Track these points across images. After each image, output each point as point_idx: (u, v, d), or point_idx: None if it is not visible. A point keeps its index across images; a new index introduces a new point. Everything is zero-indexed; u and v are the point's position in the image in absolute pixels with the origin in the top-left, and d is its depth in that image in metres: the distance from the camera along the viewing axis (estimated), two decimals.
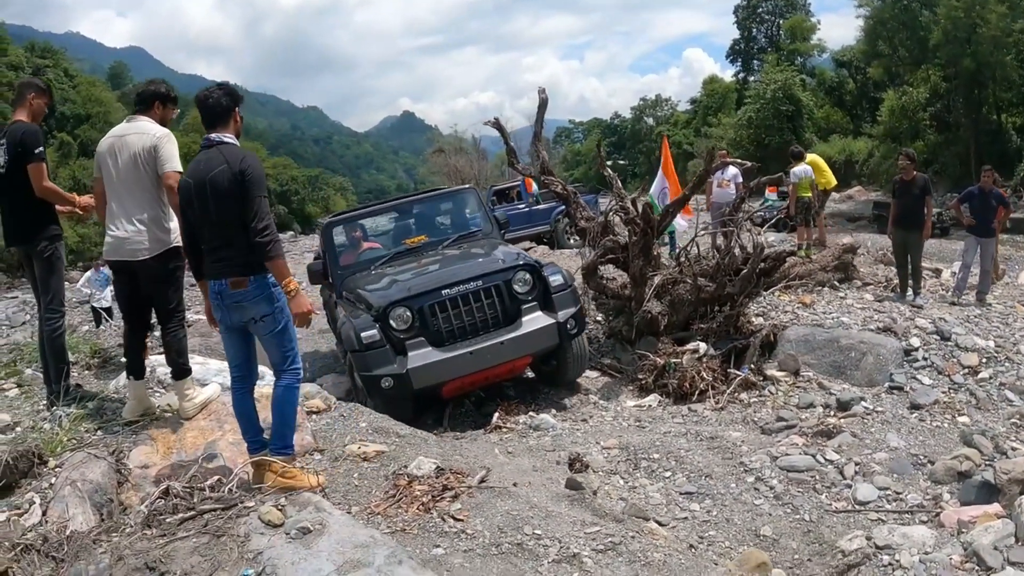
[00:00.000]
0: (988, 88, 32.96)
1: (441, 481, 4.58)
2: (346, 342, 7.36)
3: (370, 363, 7.10)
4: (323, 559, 3.30)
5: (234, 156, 4.14)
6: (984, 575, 3.82)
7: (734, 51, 65.83)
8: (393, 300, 7.28)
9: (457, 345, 7.30)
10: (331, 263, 8.84)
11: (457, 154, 56.01)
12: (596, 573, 3.49)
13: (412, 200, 10.45)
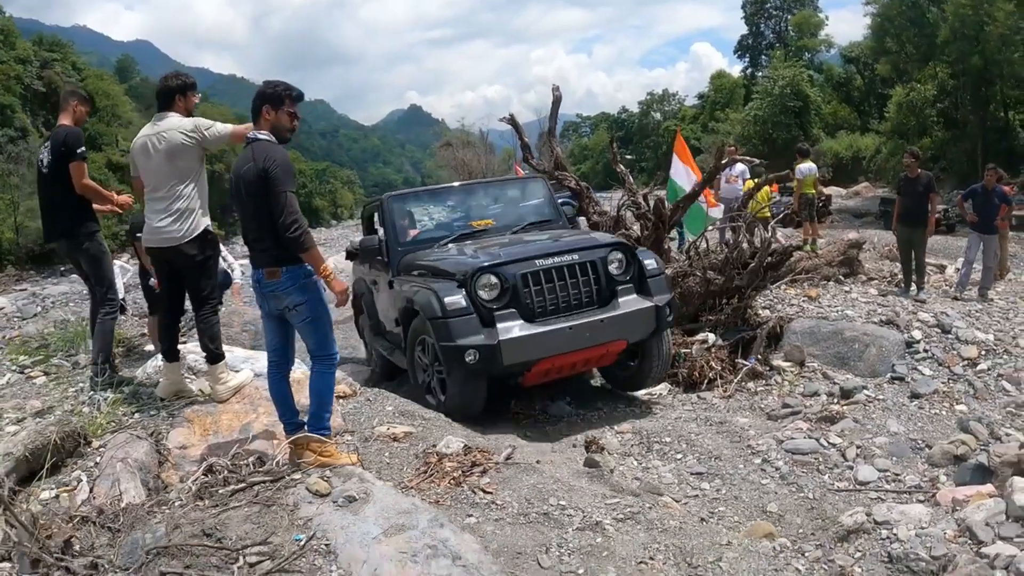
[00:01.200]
0: (996, 85, 32.96)
1: (469, 458, 4.85)
2: (425, 309, 6.57)
3: (454, 332, 6.34)
4: (370, 523, 3.57)
5: (260, 153, 4.32)
6: (976, 548, 4.05)
7: (742, 46, 65.81)
8: (483, 265, 6.59)
9: (551, 320, 6.64)
10: (390, 238, 8.02)
11: (465, 148, 55.91)
12: (617, 539, 3.78)
13: (479, 184, 10.65)
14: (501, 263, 6.65)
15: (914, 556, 4.04)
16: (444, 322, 6.40)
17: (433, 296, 6.50)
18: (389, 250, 7.96)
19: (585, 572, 3.46)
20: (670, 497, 4.87)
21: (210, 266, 5.44)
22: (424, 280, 7.01)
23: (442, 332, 6.43)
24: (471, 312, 6.42)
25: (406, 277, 7.50)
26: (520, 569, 3.48)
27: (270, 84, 4.54)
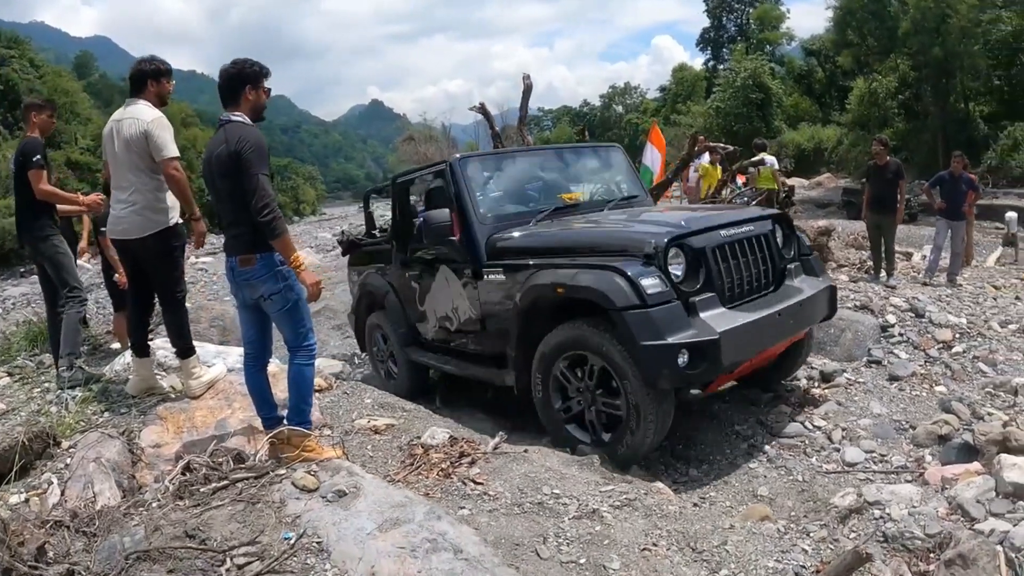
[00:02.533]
0: (956, 77, 33.41)
1: (456, 449, 4.78)
2: (609, 296, 4.91)
3: (661, 326, 4.79)
4: (363, 518, 3.46)
5: (234, 134, 4.19)
6: (968, 525, 4.05)
7: (704, 39, 66.07)
8: (677, 235, 5.24)
9: (750, 305, 5.47)
10: (468, 212, 6.33)
11: (427, 142, 55.87)
12: (616, 526, 3.71)
13: (556, 150, 8.56)
14: (692, 232, 5.35)
15: (909, 535, 4.02)
16: (645, 313, 4.81)
17: (619, 278, 4.94)
18: (469, 228, 6.31)
19: (587, 562, 3.39)
20: (661, 483, 4.82)
21: (176, 260, 5.28)
22: (571, 260, 5.48)
23: (643, 328, 4.80)
24: (674, 298, 4.97)
25: (513, 262, 5.94)
26: (520, 560, 3.40)
27: (245, 63, 4.41)
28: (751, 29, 59.18)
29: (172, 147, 4.96)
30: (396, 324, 7.78)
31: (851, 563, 3.16)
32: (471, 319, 6.49)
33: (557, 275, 5.42)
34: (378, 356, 8.50)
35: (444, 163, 6.81)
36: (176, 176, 4.93)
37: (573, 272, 5.32)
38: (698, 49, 67.77)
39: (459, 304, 6.61)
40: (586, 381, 5.32)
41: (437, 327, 7.09)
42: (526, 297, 5.66)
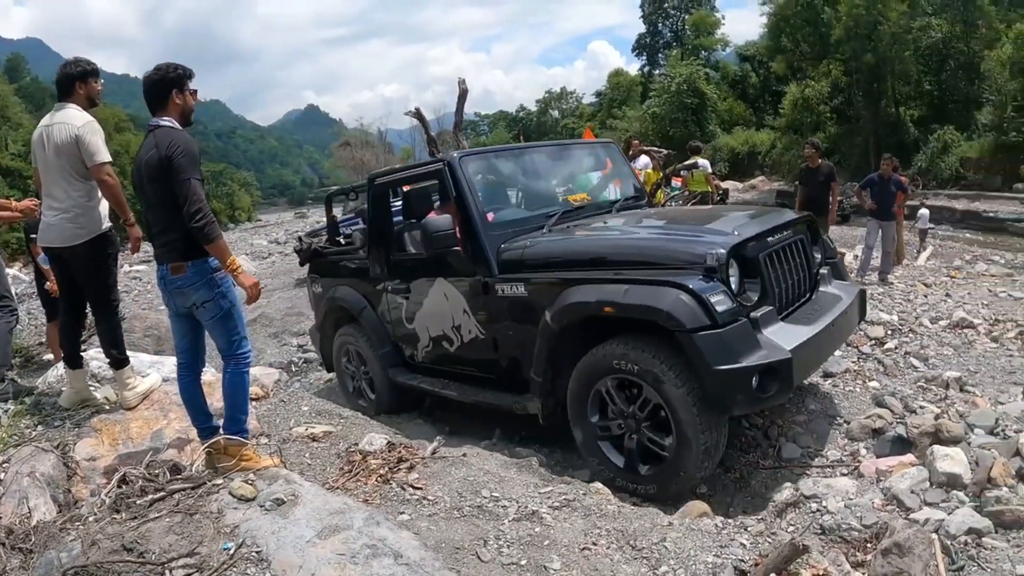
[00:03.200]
0: (887, 82, 34.38)
1: (394, 455, 4.76)
2: (683, 315, 4.31)
3: (735, 348, 4.32)
4: (303, 526, 3.43)
5: (164, 139, 4.13)
6: (904, 514, 4.14)
7: (640, 45, 66.86)
8: (736, 243, 4.71)
9: (798, 316, 5.10)
10: (474, 218, 5.65)
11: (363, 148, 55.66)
12: (556, 527, 3.73)
13: (555, 147, 7.77)
14: (746, 240, 4.84)
15: (846, 526, 4.11)
16: (718, 335, 4.30)
17: (684, 295, 4.37)
18: (475, 236, 5.64)
19: (528, 563, 3.40)
20: (600, 483, 4.83)
21: (109, 268, 5.15)
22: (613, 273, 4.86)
23: (715, 350, 4.29)
24: (742, 317, 4.49)
25: (537, 275, 5.32)
26: (461, 564, 3.40)
27: (169, 68, 4.33)
28: (686, 35, 60.09)
29: (104, 152, 4.84)
30: (376, 343, 6.97)
31: (788, 555, 3.20)
32: (478, 339, 5.82)
33: (604, 291, 4.75)
34: (349, 375, 7.64)
35: (440, 161, 6.06)
36: (109, 181, 4.82)
37: (623, 288, 4.66)
38: (634, 54, 68.70)
39: (462, 322, 5.92)
40: (633, 409, 4.77)
41: (431, 348, 6.40)
42: (561, 316, 4.98)
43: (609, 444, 4.98)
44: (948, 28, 33.14)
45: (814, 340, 4.76)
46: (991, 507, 4.04)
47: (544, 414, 5.34)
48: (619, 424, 4.88)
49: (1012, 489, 4.16)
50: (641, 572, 3.35)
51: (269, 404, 6.26)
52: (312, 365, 10.06)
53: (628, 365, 4.64)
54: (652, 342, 4.60)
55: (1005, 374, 6.25)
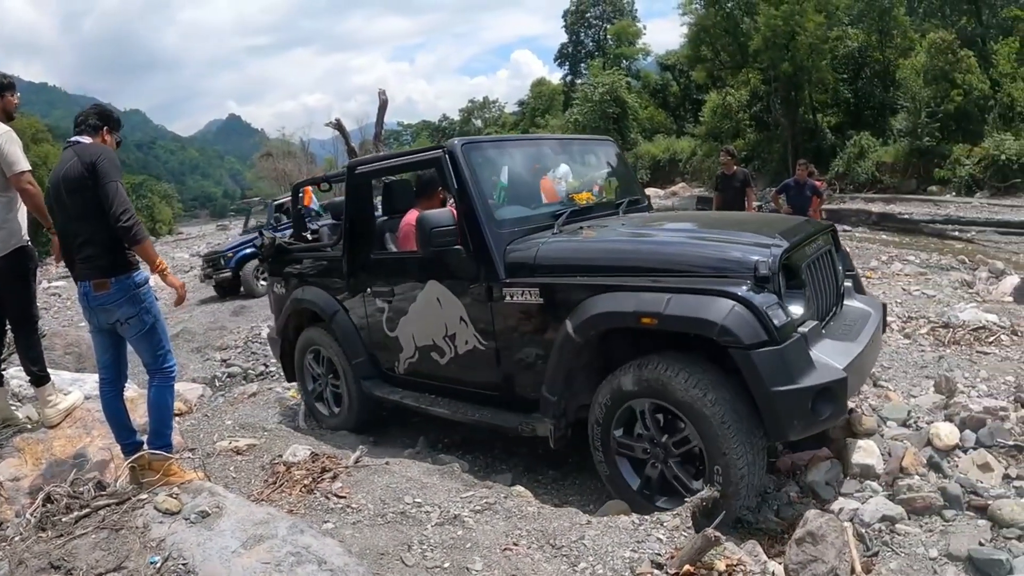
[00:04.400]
0: (805, 90, 35.26)
1: (318, 465, 4.81)
2: (740, 330, 3.78)
3: (794, 366, 3.86)
4: (228, 537, 3.47)
5: (86, 151, 4.18)
6: (819, 505, 4.29)
7: (562, 54, 67.30)
8: (784, 250, 4.20)
9: (838, 331, 4.66)
10: (479, 214, 4.99)
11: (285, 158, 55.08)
12: (478, 529, 3.82)
13: (558, 140, 7.03)
14: (791, 247, 4.34)
15: (763, 518, 4.29)
16: (778, 352, 3.82)
17: (740, 306, 3.86)
18: (479, 234, 4.98)
19: (451, 566, 3.48)
20: (520, 486, 4.95)
21: (28, 283, 5.06)
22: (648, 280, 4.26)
23: (774, 369, 3.80)
24: (797, 332, 4.02)
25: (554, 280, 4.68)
26: (386, 570, 3.47)
27: (109, 109, 4.54)
28: (608, 45, 60.72)
29: (23, 161, 4.76)
30: (350, 351, 6.28)
31: (702, 546, 3.31)
32: (476, 351, 5.20)
33: (642, 300, 4.15)
34: (311, 382, 6.93)
35: (438, 149, 5.35)
36: (31, 190, 4.76)
37: (664, 297, 4.06)
38: (556, 64, 69.14)
39: (458, 331, 5.28)
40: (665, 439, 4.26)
41: (416, 359, 5.76)
42: (587, 327, 4.38)
43: (627, 462, 4.47)
44: (864, 37, 34.28)
45: (860, 358, 4.36)
46: (903, 495, 4.22)
47: (555, 436, 4.76)
48: (644, 449, 4.35)
49: (923, 477, 4.37)
50: (561, 570, 3.44)
51: (193, 419, 6.26)
52: (236, 379, 10.01)
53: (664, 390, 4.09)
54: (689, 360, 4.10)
55: (917, 368, 6.42)
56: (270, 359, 10.61)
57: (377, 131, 13.24)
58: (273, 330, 7.47)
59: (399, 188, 6.46)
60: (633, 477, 4.45)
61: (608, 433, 4.45)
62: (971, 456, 4.55)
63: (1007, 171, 24.67)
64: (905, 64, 30.99)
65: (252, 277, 17.18)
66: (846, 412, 4.27)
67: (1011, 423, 4.89)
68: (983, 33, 31.10)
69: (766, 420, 3.89)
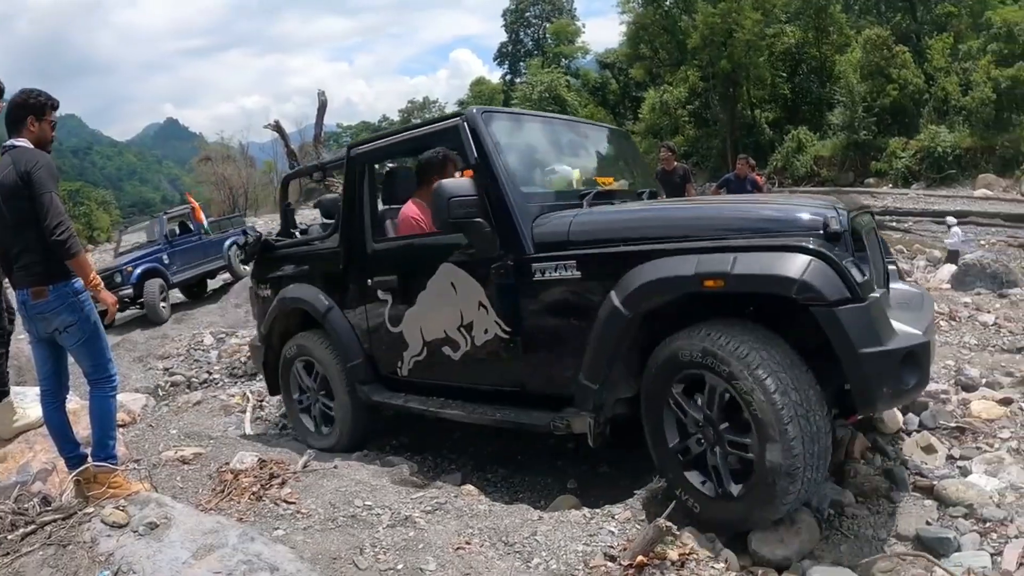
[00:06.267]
0: (743, 86, 35.96)
1: (266, 471, 4.77)
2: (823, 286, 3.38)
3: (880, 327, 3.48)
4: (177, 548, 3.43)
5: (21, 157, 4.08)
6: None
7: (501, 53, 67.50)
8: (849, 210, 4.03)
9: (899, 306, 4.31)
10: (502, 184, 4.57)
11: (224, 162, 54.53)
12: (430, 530, 3.84)
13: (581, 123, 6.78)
14: (851, 212, 4.11)
15: None
16: (863, 309, 3.44)
17: (819, 261, 3.48)
18: (504, 206, 4.55)
19: (404, 567, 3.49)
20: (471, 485, 4.97)
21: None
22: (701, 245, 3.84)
23: (862, 329, 3.42)
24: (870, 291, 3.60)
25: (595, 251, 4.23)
26: (339, 574, 3.48)
27: (31, 93, 4.27)
28: (547, 43, 61.06)
29: None
30: (345, 353, 5.74)
31: (654, 537, 3.36)
32: (498, 341, 4.68)
33: (704, 261, 3.71)
34: (300, 397, 6.36)
35: (456, 117, 4.95)
36: None
37: (730, 257, 3.64)
38: (496, 63, 69.28)
39: (476, 319, 4.77)
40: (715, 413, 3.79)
41: (425, 356, 5.23)
42: (639, 297, 3.92)
43: (674, 419, 4.00)
44: (801, 35, 35.08)
45: (930, 329, 4.06)
46: (851, 480, 4.29)
47: (595, 432, 4.27)
48: (697, 421, 3.89)
49: (869, 462, 4.43)
50: (515, 566, 3.48)
51: (137, 429, 6.18)
52: (179, 388, 9.89)
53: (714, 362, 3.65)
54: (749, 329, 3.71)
55: None
56: (213, 366, 10.52)
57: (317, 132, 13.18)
58: (255, 337, 7.02)
59: (402, 176, 6.01)
60: (674, 434, 4.00)
61: (667, 384, 3.94)
62: (915, 439, 4.64)
63: (942, 163, 25.37)
64: (841, 60, 31.74)
65: (156, 297, 15.36)
66: (928, 383, 3.86)
67: (952, 405, 5.03)
68: (917, 29, 31.94)
69: (854, 388, 3.50)
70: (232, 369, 10.07)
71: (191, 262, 17.92)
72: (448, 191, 4.43)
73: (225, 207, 50.83)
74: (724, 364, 3.59)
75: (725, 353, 3.59)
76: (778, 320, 3.73)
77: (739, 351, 3.56)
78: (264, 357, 6.66)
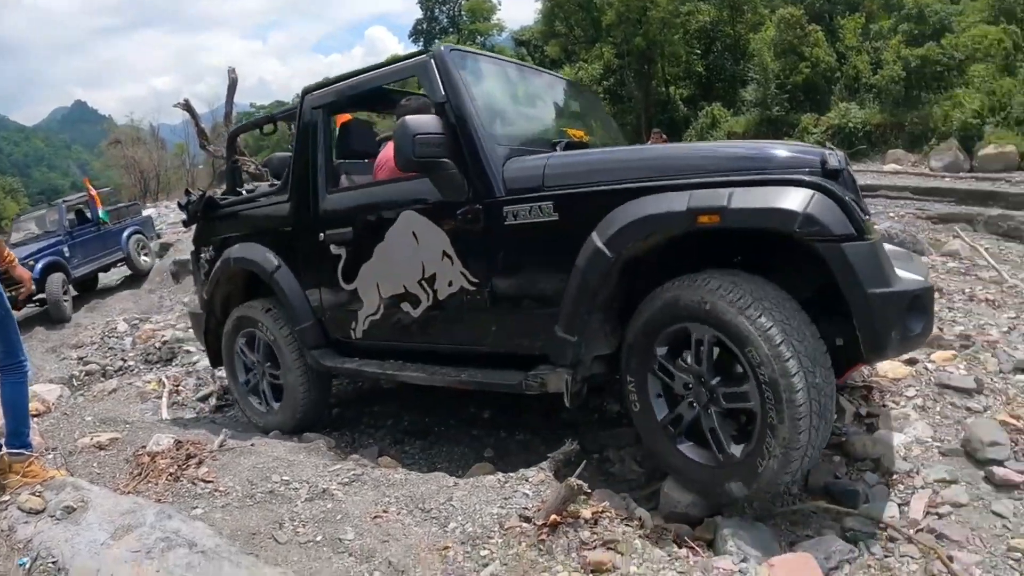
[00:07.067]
0: (657, 64, 36.25)
1: (183, 452, 4.74)
2: (828, 220, 3.17)
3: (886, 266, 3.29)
4: (95, 530, 3.45)
5: None
6: None
7: (417, 31, 66.91)
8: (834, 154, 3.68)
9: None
10: (470, 120, 4.26)
11: (135, 145, 53.26)
12: (348, 501, 3.89)
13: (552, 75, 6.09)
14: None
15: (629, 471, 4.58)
16: (870, 246, 3.25)
17: (820, 194, 3.26)
18: (472, 145, 4.23)
19: (323, 538, 3.55)
20: (388, 457, 5.04)
21: None
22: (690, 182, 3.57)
23: (869, 268, 3.21)
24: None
25: (573, 190, 3.91)
26: (258, 548, 3.51)
27: None
28: (463, 21, 60.72)
29: None
30: (294, 316, 5.40)
31: (566, 496, 3.43)
32: (464, 293, 4.36)
33: (697, 196, 3.46)
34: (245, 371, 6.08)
35: (421, 55, 4.70)
36: None
37: (725, 192, 3.39)
38: (411, 40, 68.62)
39: (439, 270, 4.44)
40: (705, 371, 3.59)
41: (381, 315, 4.90)
42: (625, 236, 3.65)
43: (659, 387, 3.80)
44: (715, 13, 35.51)
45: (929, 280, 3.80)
46: None
47: (572, 391, 4.01)
48: (686, 384, 3.67)
49: None
50: (432, 531, 3.55)
51: (52, 418, 6.08)
52: (94, 377, 9.74)
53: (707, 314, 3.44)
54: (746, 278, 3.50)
55: None
56: (128, 353, 10.37)
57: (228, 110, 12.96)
58: (194, 303, 6.54)
59: (358, 129, 5.70)
60: (661, 406, 3.79)
61: (650, 348, 3.73)
62: None
63: (852, 139, 25.97)
64: (756, 39, 32.19)
65: (60, 293, 14.29)
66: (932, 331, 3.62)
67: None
68: (830, 9, 32.55)
69: (863, 332, 3.25)
70: (147, 355, 9.94)
71: (92, 255, 16.86)
72: (413, 127, 4.12)
73: (136, 191, 49.70)
74: (722, 315, 3.38)
75: (725, 303, 3.38)
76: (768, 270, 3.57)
77: (741, 301, 3.36)
78: (205, 325, 6.32)
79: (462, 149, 4.22)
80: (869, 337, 3.23)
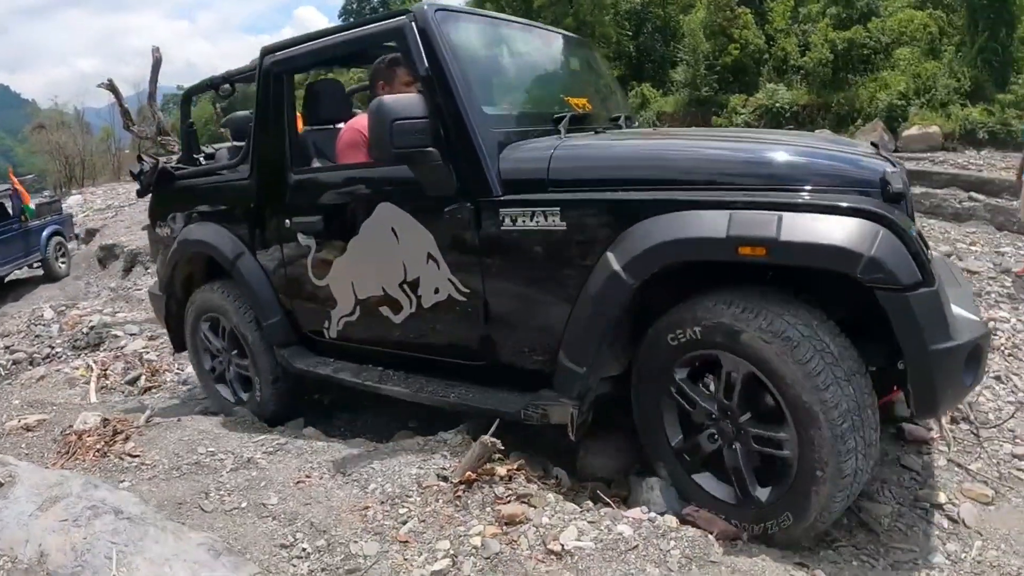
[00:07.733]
0: None
1: (109, 428, 4.79)
2: (896, 267, 2.68)
3: (948, 317, 2.84)
4: (23, 503, 3.51)
5: None
6: None
7: (347, 10, 66.24)
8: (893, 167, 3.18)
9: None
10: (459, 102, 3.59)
11: (59, 129, 52.06)
12: (272, 468, 4.00)
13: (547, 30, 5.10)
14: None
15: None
16: (933, 294, 2.78)
17: (885, 231, 2.75)
18: (464, 132, 3.60)
19: (248, 504, 3.65)
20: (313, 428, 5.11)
21: None
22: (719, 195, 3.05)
23: (933, 321, 2.77)
24: None
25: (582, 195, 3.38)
26: (185, 517, 3.60)
27: None
28: (394, 1, 60.33)
29: None
30: (259, 310, 4.90)
31: (480, 453, 3.56)
32: (452, 303, 3.87)
33: (741, 221, 2.90)
34: (212, 364, 5.67)
35: (402, 15, 3.87)
36: None
37: (773, 217, 2.84)
38: (341, 20, 67.92)
39: (423, 275, 3.91)
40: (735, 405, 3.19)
41: (357, 317, 4.40)
42: (645, 262, 3.11)
43: (675, 410, 3.42)
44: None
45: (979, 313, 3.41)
46: None
47: (577, 423, 3.54)
48: (710, 414, 3.28)
49: None
50: (353, 493, 3.65)
51: None
52: (21, 365, 9.63)
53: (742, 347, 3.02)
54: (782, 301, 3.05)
55: None
56: (55, 340, 10.27)
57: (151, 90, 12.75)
58: (155, 284, 5.98)
59: (328, 90, 5.05)
60: (675, 430, 3.43)
61: (668, 371, 3.33)
62: None
63: (780, 119, 26.48)
64: (686, 20, 32.62)
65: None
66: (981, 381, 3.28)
67: None
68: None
69: (916, 389, 2.85)
70: (75, 341, 9.85)
71: (12, 255, 15.72)
72: (390, 111, 3.47)
73: (61, 177, 48.63)
74: (761, 351, 2.96)
75: (763, 337, 2.94)
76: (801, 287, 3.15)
77: (785, 335, 2.90)
78: (166, 308, 5.78)
79: (450, 135, 3.63)
80: (923, 395, 2.85)
